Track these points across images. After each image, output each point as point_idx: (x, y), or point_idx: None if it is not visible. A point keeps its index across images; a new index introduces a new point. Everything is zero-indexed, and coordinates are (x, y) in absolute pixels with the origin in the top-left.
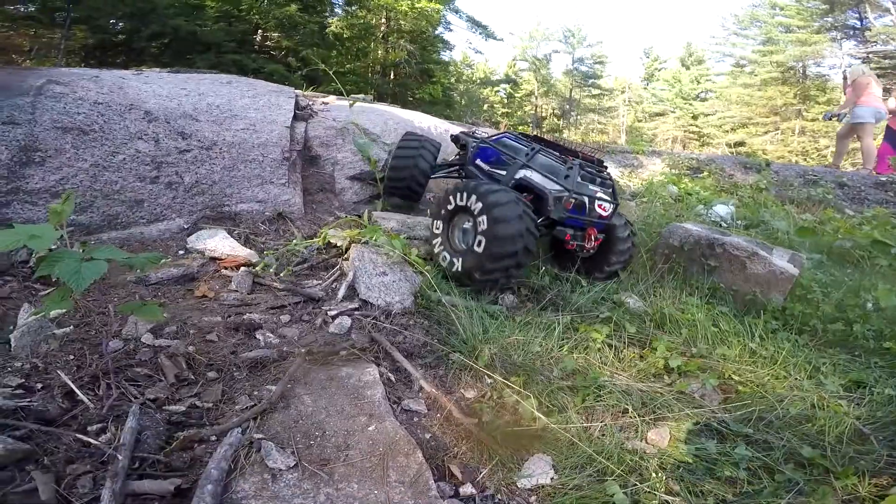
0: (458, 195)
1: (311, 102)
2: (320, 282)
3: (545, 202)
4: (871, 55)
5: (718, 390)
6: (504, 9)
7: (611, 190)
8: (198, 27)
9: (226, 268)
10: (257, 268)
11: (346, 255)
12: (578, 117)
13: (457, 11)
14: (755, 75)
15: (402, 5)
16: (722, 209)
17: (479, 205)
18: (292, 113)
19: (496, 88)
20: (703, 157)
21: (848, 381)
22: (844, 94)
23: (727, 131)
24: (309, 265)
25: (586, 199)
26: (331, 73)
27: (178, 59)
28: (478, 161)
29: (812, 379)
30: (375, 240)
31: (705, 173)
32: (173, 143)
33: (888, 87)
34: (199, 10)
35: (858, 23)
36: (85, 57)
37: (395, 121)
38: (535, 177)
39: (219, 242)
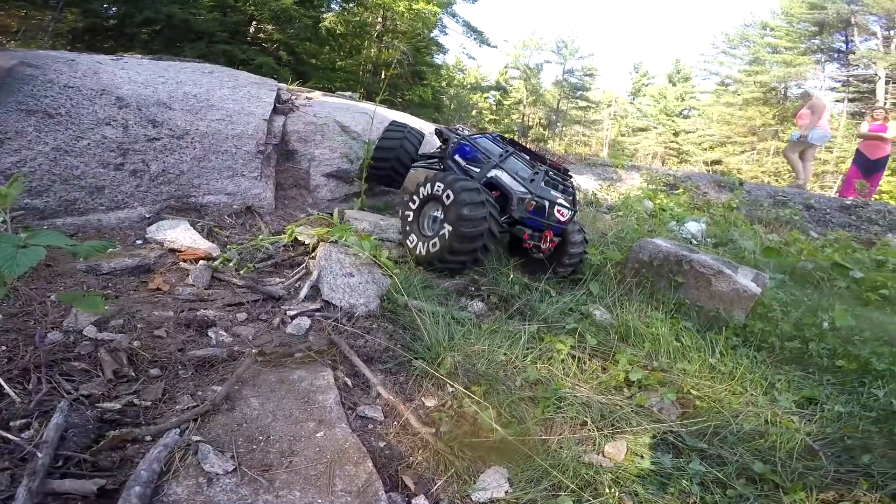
0: (430, 185)
1: (293, 97)
2: (283, 280)
3: (510, 201)
4: (851, 79)
5: (677, 405)
6: (500, 16)
7: (571, 198)
8: (191, 15)
9: (185, 260)
10: (217, 262)
11: (313, 254)
12: (564, 128)
13: (454, 16)
14: (738, 94)
15: (399, 5)
16: (693, 226)
17: (449, 193)
18: (272, 106)
19: (486, 95)
20: (680, 174)
21: (801, 398)
22: (796, 115)
23: (706, 149)
24: (273, 262)
25: (546, 204)
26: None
27: (169, 47)
28: (456, 156)
29: (767, 395)
30: (345, 239)
31: (680, 190)
32: (143, 131)
33: (863, 111)
34: None
35: (844, 45)
36: (73, 40)
37: (378, 120)
38: (504, 177)
39: (179, 234)
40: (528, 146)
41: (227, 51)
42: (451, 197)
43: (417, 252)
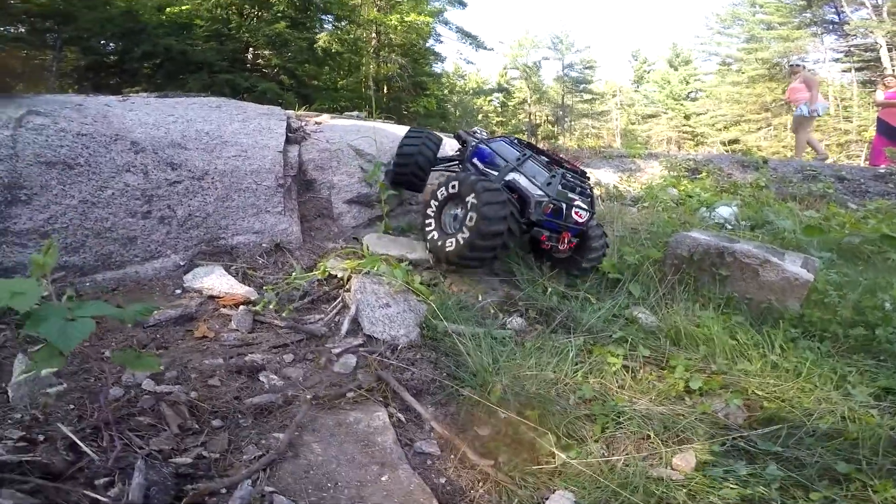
0: (451, 185)
1: (303, 123)
2: (322, 316)
3: (527, 205)
4: (852, 48)
5: (743, 408)
6: (492, 19)
7: (589, 199)
8: (188, 47)
9: (225, 306)
10: (257, 306)
11: (347, 286)
12: (572, 123)
13: (446, 23)
14: (742, 73)
15: (391, 19)
16: (725, 211)
17: (471, 192)
18: (284, 136)
19: (489, 98)
20: (701, 158)
21: (877, 389)
22: (787, 89)
23: (720, 130)
24: (310, 299)
25: (564, 206)
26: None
27: (171, 80)
28: (474, 160)
29: (839, 389)
30: (377, 269)
31: (703, 174)
32: (163, 175)
33: (872, 79)
34: (189, 29)
35: (836, 17)
36: (78, 79)
37: (389, 139)
38: (522, 180)
39: (216, 280)
40: (543, 147)
41: (229, 80)
42: (474, 197)
43: (439, 247)
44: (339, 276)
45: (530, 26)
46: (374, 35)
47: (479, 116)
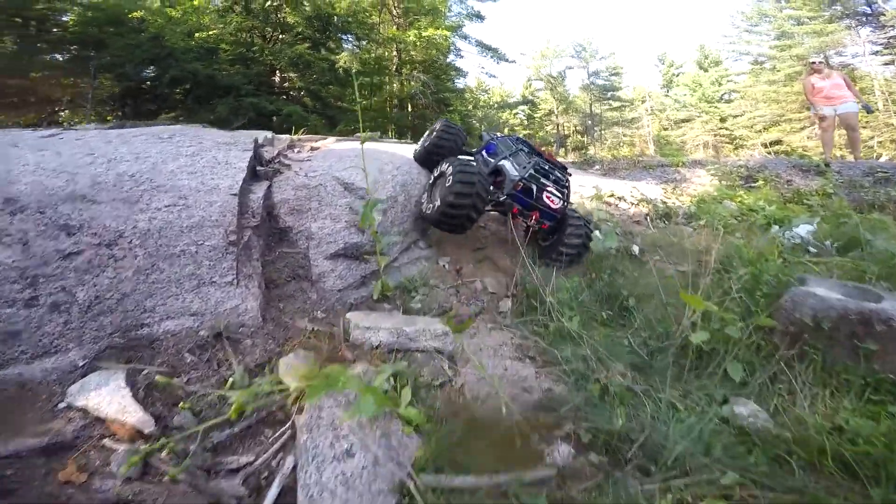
0: (442, 165)
1: (295, 150)
2: (252, 459)
3: (504, 182)
4: (892, 40)
5: None
6: (512, 31)
7: (564, 189)
8: (215, 71)
9: (112, 435)
10: (147, 446)
11: (303, 404)
12: (603, 132)
13: (465, 37)
14: (777, 71)
15: (409, 35)
16: (805, 229)
17: (450, 169)
18: (244, 172)
19: (514, 111)
20: (753, 164)
21: None
22: (812, 87)
23: (759, 131)
24: (246, 424)
25: (534, 187)
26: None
27: (202, 105)
28: (483, 151)
29: None
30: (341, 385)
31: (760, 182)
32: (52, 244)
33: None
34: (214, 53)
35: (868, 8)
36: (115, 106)
37: (394, 164)
38: (507, 165)
39: (106, 397)
40: (540, 150)
41: (254, 103)
42: (452, 174)
43: (424, 213)
44: (291, 389)
45: (551, 36)
46: (395, 53)
47: (506, 130)
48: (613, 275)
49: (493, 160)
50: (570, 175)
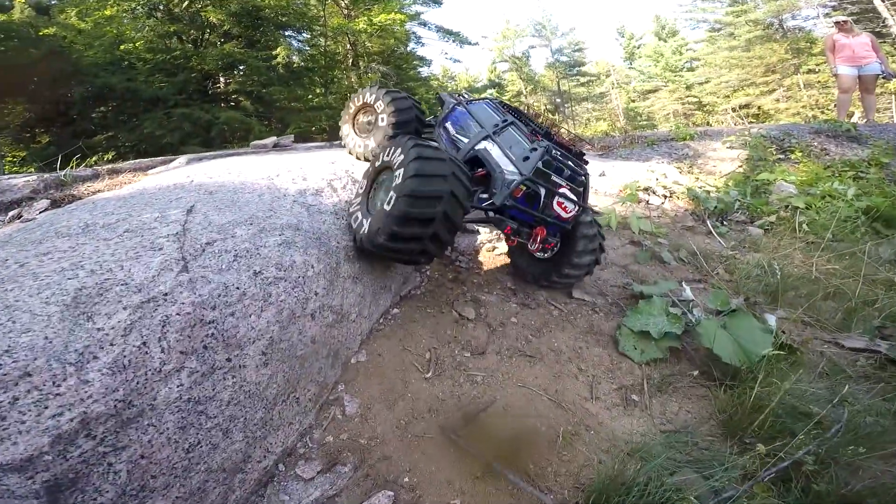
0: (386, 151)
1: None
2: None
3: (493, 182)
4: (841, 1)
5: None
6: (471, 14)
7: (581, 189)
8: (135, 84)
9: None
10: None
11: None
12: (573, 109)
13: (425, 24)
14: (736, 37)
15: (358, 24)
16: None
17: (401, 158)
18: None
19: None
20: (776, 131)
21: None
22: (837, 44)
23: (727, 97)
24: None
25: (543, 191)
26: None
27: (126, 123)
28: (447, 123)
29: None
30: None
31: (796, 153)
32: None
33: (877, 30)
34: (131, 65)
35: None
36: (35, 133)
37: (244, 199)
38: (494, 152)
39: None
40: (534, 117)
41: (186, 114)
42: (402, 166)
43: (357, 231)
44: None
45: (511, 16)
46: (348, 46)
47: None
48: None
49: (464, 139)
50: (588, 164)
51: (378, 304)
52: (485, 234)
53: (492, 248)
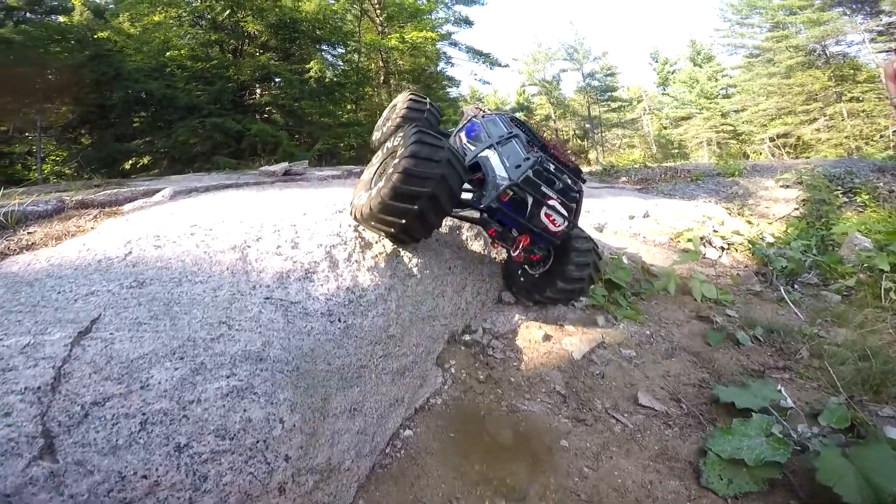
0: (392, 139)
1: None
2: None
3: (485, 185)
4: (890, 27)
5: None
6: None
7: (574, 205)
8: (174, 91)
9: None
10: None
11: None
12: (603, 134)
13: (455, 44)
14: (776, 63)
15: (391, 40)
16: None
17: (401, 141)
18: None
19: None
20: (837, 168)
21: None
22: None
23: (764, 125)
24: None
25: (530, 199)
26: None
27: (161, 129)
28: (461, 133)
29: None
30: None
31: (862, 194)
32: None
33: None
34: (171, 72)
35: None
36: (76, 134)
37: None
38: (493, 159)
39: None
40: (550, 143)
41: (217, 123)
42: (403, 147)
43: (355, 203)
44: None
45: (541, 39)
46: (381, 63)
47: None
48: None
49: (472, 147)
50: (584, 182)
51: (384, 428)
52: (519, 314)
53: (530, 326)
